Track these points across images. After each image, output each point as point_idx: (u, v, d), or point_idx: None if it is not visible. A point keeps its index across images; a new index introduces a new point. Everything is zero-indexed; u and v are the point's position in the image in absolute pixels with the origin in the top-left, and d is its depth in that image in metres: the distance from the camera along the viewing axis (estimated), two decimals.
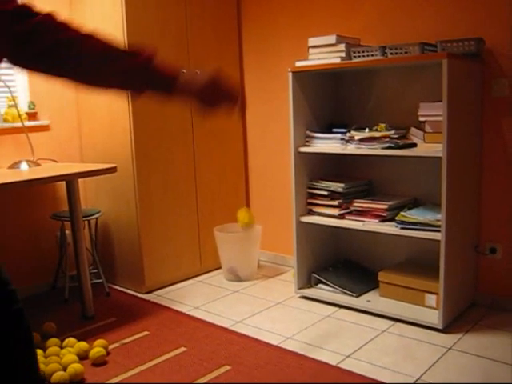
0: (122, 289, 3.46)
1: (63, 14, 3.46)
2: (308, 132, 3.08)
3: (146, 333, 2.76)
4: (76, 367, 2.30)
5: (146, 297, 3.29)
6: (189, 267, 3.61)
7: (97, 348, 2.45)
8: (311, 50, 2.97)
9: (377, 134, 2.76)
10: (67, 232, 3.32)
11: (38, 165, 3.19)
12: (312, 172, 3.16)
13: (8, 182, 2.42)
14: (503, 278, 2.84)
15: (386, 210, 2.81)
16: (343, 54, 2.85)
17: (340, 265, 3.31)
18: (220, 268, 3.74)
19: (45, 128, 3.44)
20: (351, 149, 2.84)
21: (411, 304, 2.83)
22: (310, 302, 3.09)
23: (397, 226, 2.70)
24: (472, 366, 2.27)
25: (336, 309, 2.97)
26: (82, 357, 2.47)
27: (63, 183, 3.36)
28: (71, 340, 2.57)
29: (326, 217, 3.02)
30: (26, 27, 1.07)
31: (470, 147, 2.71)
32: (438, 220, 2.55)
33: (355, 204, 2.93)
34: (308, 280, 3.20)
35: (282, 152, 3.70)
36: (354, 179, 3.15)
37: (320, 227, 3.24)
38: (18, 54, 1.11)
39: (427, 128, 2.72)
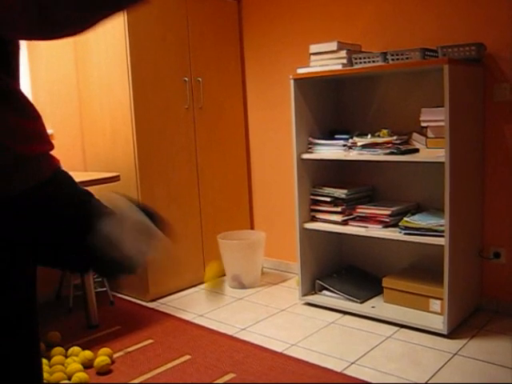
0: (126, 297, 3.46)
1: None
2: (310, 139, 3.09)
3: (150, 341, 2.75)
4: (81, 376, 2.30)
5: (150, 305, 3.29)
6: (193, 275, 3.60)
7: (101, 357, 2.45)
8: (312, 57, 2.98)
9: (379, 140, 2.77)
10: None
11: None
12: (315, 179, 3.16)
13: None
14: (508, 283, 2.83)
15: (389, 215, 2.81)
16: (344, 61, 2.86)
17: (344, 271, 3.30)
18: (224, 275, 3.73)
19: None
20: (354, 155, 2.84)
21: (416, 310, 2.82)
22: (314, 308, 3.09)
23: (400, 232, 2.70)
24: (477, 372, 2.26)
25: (340, 315, 2.96)
26: (87, 365, 2.47)
27: None
28: (76, 349, 2.57)
29: (330, 223, 3.02)
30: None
31: (472, 152, 2.71)
32: (442, 225, 2.55)
33: (358, 210, 2.93)
34: (312, 286, 3.20)
35: (285, 159, 3.71)
36: (357, 185, 3.15)
37: (323, 234, 3.24)
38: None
39: (429, 133, 2.73)
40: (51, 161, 1.28)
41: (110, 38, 3.21)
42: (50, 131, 3.45)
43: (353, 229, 2.90)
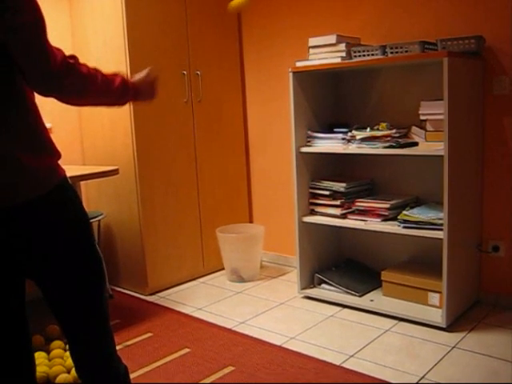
0: (125, 291, 3.47)
1: (63, 16, 3.47)
2: (309, 132, 3.08)
3: (149, 334, 2.76)
4: None
5: (149, 298, 3.30)
6: (191, 268, 3.61)
7: None
8: (311, 50, 2.97)
9: (378, 134, 2.76)
10: None
11: None
12: (314, 172, 3.16)
13: None
14: (506, 276, 2.83)
15: (388, 209, 2.80)
16: (343, 54, 2.85)
17: (343, 264, 3.31)
18: (223, 269, 3.74)
19: None
20: (353, 148, 2.84)
21: (414, 303, 2.83)
22: (313, 302, 3.09)
23: (399, 225, 2.70)
24: (476, 365, 2.27)
25: (339, 308, 2.97)
26: None
27: None
28: None
29: (329, 216, 3.02)
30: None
31: (471, 145, 2.70)
32: (441, 218, 2.55)
33: (357, 203, 2.93)
34: (311, 280, 3.20)
35: (284, 152, 3.70)
36: (356, 179, 3.15)
37: (322, 227, 3.24)
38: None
39: (428, 127, 2.72)
40: (56, 173, 1.29)
41: (108, 31, 3.20)
42: (48, 125, 3.44)
43: (352, 222, 2.90)
